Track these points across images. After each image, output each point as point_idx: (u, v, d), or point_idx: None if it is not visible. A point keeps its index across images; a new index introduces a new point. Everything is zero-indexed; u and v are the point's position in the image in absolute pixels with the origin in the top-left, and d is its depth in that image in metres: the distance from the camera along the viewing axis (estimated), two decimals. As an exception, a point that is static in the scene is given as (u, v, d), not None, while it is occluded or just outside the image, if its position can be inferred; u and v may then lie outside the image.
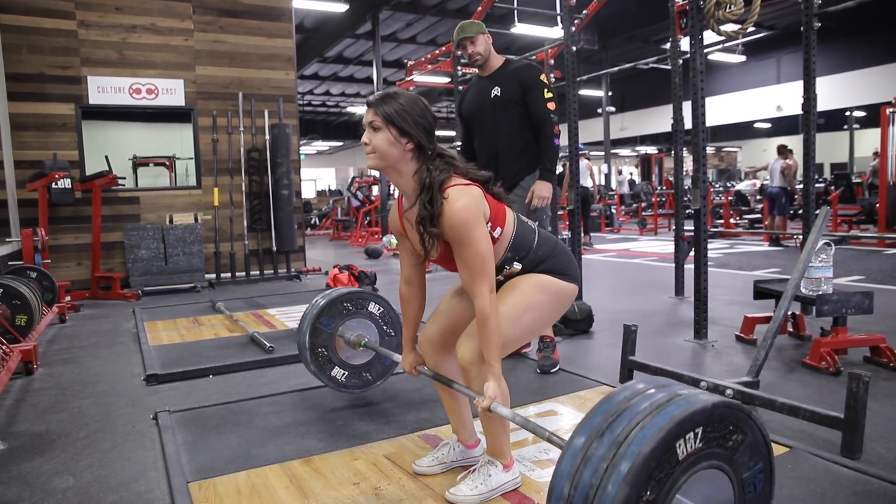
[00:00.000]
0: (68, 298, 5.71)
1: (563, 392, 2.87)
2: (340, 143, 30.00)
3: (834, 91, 16.21)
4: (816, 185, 12.90)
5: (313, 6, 11.74)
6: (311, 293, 5.98)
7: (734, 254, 8.38)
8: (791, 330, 3.76)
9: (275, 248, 7.17)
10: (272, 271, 7.23)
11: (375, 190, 13.92)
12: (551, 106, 3.15)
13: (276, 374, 3.37)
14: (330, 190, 25.60)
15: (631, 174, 22.18)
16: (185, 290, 6.39)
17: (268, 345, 3.72)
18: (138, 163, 10.06)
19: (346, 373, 2.65)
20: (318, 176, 32.96)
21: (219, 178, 6.96)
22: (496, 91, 3.21)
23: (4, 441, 2.48)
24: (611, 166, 21.98)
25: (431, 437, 2.36)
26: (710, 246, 9.51)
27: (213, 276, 6.84)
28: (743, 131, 25.79)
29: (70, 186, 5.88)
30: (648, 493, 1.05)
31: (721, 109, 20.06)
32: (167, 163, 10.52)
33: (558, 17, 4.51)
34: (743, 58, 15.76)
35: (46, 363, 3.68)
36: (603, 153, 20.78)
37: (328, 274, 6.36)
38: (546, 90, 3.17)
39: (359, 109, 24.04)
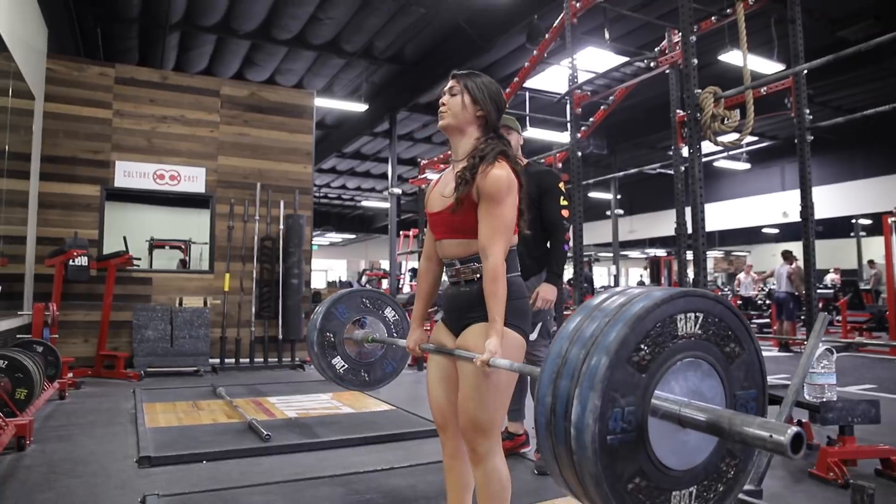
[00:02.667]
0: (71, 375, 5.71)
1: (560, 495, 2.79)
2: (353, 236, 30.57)
3: (838, 199, 16.52)
4: (825, 290, 12.99)
5: (335, 105, 12.38)
6: (316, 384, 5.96)
7: (743, 360, 8.28)
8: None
9: (280, 336, 7.19)
10: (276, 359, 7.21)
11: (385, 283, 14.07)
12: (565, 213, 3.25)
13: (271, 464, 3.31)
14: (340, 281, 25.82)
15: (640, 276, 22.29)
16: (189, 374, 6.38)
17: (265, 433, 3.67)
18: (155, 244, 10.34)
19: (346, 366, 2.66)
20: (329, 267, 33.37)
21: (231, 263, 7.11)
22: None
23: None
24: (619, 268, 22.13)
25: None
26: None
27: (218, 360, 6.83)
28: (751, 236, 26.10)
29: (86, 264, 6.02)
30: (644, 347, 1.16)
31: (728, 214, 20.44)
32: (182, 246, 10.79)
33: (567, 124, 4.80)
34: (748, 165, 16.22)
35: (40, 440, 3.64)
36: (612, 255, 21.01)
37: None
38: (562, 198, 3.27)
39: (373, 204, 24.72)
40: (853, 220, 19.12)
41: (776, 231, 24.32)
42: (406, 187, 17.41)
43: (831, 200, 16.28)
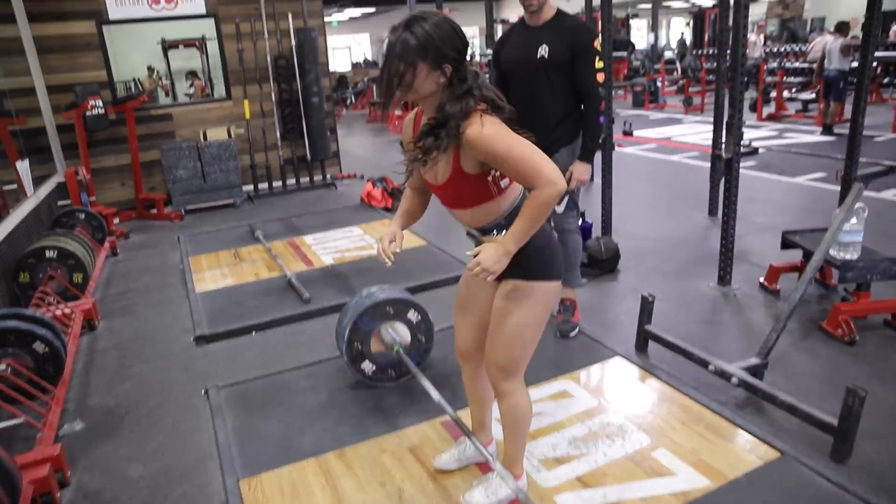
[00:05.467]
0: (117, 221, 6.04)
1: (578, 366, 3.03)
2: (373, 10, 28.36)
3: None
4: (884, 53, 11.74)
5: None
6: (347, 211, 6.16)
7: (780, 148, 8.03)
8: (818, 277, 3.76)
9: (309, 157, 7.23)
10: (308, 179, 7.34)
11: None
12: (600, 78, 2.97)
13: (313, 329, 3.63)
14: (366, 61, 24.69)
15: (682, 34, 20.61)
16: (226, 207, 6.63)
17: (304, 295, 3.95)
18: (169, 45, 9.86)
19: (375, 367, 2.88)
20: (353, 42, 31.66)
21: (248, 87, 6.90)
22: (543, 50, 2.95)
23: (82, 420, 2.84)
24: (658, 28, 20.37)
25: (451, 425, 2.59)
26: (756, 134, 9.12)
27: (252, 187, 7.01)
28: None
29: (104, 111, 5.96)
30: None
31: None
32: (197, 44, 10.30)
33: None
34: None
35: (106, 314, 4.02)
36: (650, 8, 19.19)
37: (364, 185, 6.47)
38: (598, 58, 2.96)
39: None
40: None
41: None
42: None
43: None
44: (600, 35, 3.62)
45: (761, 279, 3.85)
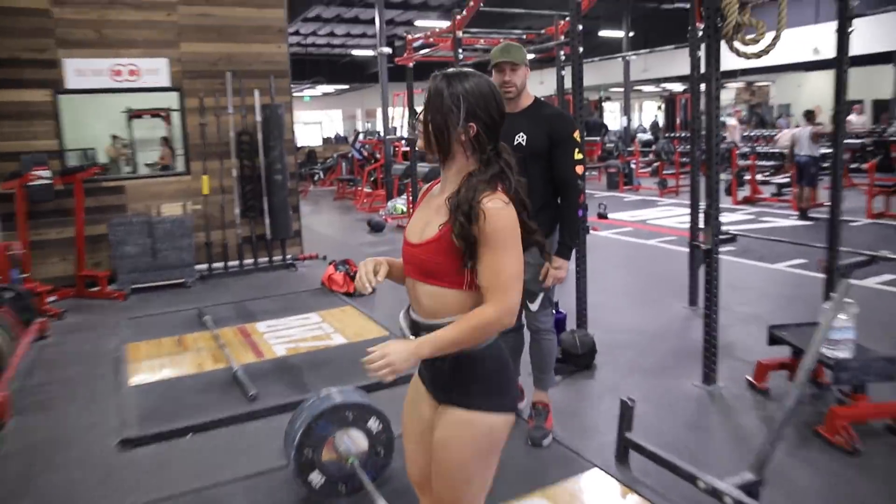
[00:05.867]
0: (53, 300, 5.59)
1: (553, 479, 2.69)
2: (346, 87, 29.05)
3: (881, 33, 14.80)
4: (848, 139, 12.13)
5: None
6: (306, 295, 5.81)
7: (758, 231, 7.97)
8: (810, 375, 3.51)
9: (269, 236, 6.92)
10: (267, 258, 7.01)
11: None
12: (579, 170, 2.80)
13: (257, 432, 3.22)
14: (337, 136, 24.98)
15: (655, 116, 21.28)
16: (176, 286, 6.22)
17: (250, 392, 3.55)
18: (133, 115, 9.59)
19: (324, 480, 2.50)
20: (324, 119, 32.16)
21: (208, 162, 6.65)
22: (521, 138, 2.78)
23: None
24: (630, 111, 21.08)
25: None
26: (732, 218, 9.11)
27: (206, 266, 6.64)
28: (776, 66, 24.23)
29: (49, 182, 5.61)
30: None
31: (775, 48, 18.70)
32: (164, 114, 10.08)
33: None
34: None
35: (20, 409, 3.53)
36: (622, 98, 19.87)
37: (326, 268, 6.16)
38: (577, 150, 2.80)
39: (364, 52, 23.09)
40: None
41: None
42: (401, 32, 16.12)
43: (875, 33, 14.55)
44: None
45: (748, 377, 3.59)
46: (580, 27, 4.13)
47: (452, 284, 1.53)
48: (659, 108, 28.76)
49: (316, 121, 32.02)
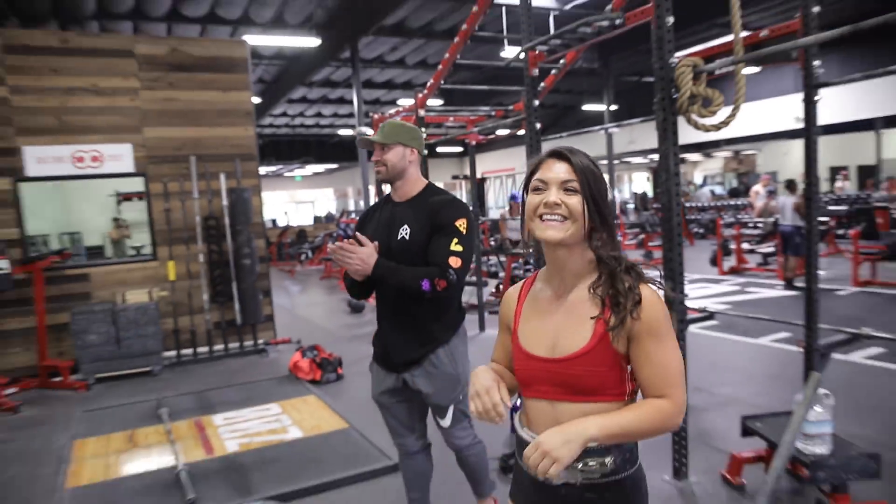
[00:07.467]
0: (13, 391, 5.38)
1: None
2: (336, 166, 29.51)
3: (860, 100, 14.89)
4: (836, 206, 12.09)
5: (282, 42, 11.27)
6: (271, 384, 5.54)
7: (743, 304, 7.73)
8: (788, 467, 3.19)
9: (239, 321, 6.69)
10: (238, 343, 6.74)
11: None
12: (454, 262, 2.25)
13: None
14: (328, 216, 25.13)
15: (644, 191, 21.50)
16: (142, 375, 5.94)
17: (188, 496, 3.23)
18: (124, 198, 9.54)
19: None
20: (316, 198, 32.52)
21: (174, 248, 6.50)
22: (404, 232, 2.34)
23: None
24: (615, 185, 21.29)
25: None
26: (718, 289, 8.91)
27: (175, 352, 6.37)
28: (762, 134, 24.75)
29: (8, 271, 5.45)
30: None
31: (735, 120, 19.06)
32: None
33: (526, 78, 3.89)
34: (757, 69, 14.67)
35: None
36: (607, 171, 20.10)
37: (295, 353, 5.89)
38: (456, 241, 2.28)
39: (349, 132, 23.59)
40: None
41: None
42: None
43: (856, 101, 14.83)
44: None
45: (723, 471, 3.26)
46: (536, 102, 4.07)
47: (615, 397, 1.30)
48: (647, 179, 29.16)
49: (309, 199, 32.39)
